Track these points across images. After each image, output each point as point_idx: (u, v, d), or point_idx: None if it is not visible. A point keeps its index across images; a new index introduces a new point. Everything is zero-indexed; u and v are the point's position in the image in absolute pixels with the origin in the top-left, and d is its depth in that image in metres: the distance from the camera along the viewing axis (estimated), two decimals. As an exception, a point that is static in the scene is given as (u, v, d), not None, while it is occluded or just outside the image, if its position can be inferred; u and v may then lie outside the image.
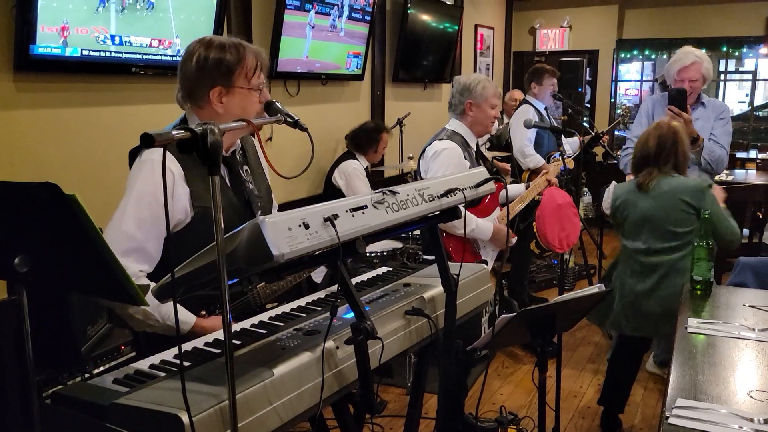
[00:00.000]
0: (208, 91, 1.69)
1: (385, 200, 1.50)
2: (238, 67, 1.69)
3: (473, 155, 2.90)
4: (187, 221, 1.69)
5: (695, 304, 1.98)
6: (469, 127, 2.90)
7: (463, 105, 2.89)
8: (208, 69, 1.68)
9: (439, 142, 2.83)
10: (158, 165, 1.65)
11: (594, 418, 3.28)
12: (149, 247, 1.65)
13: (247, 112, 1.71)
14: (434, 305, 1.80)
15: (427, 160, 2.84)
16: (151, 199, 1.64)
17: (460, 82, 2.93)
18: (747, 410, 1.28)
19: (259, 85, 1.75)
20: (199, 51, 1.69)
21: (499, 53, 7.76)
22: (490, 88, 2.87)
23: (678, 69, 3.29)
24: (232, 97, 1.71)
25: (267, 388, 1.26)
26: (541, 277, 5.30)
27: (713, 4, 7.26)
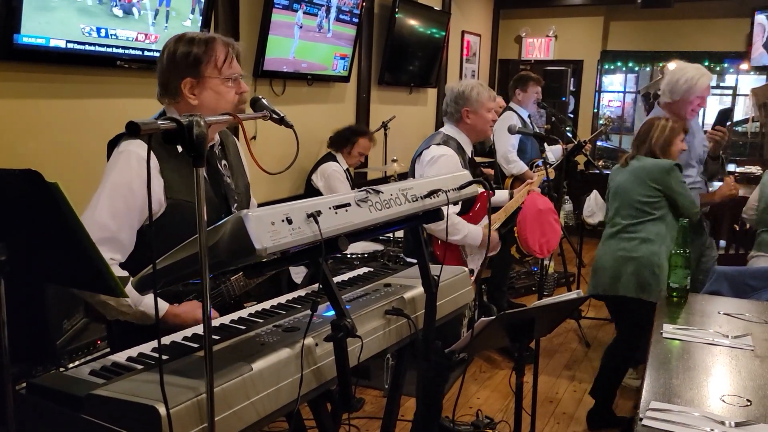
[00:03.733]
0: (179, 83, 1.71)
1: (368, 199, 1.50)
2: (206, 58, 1.71)
3: (467, 161, 2.91)
4: (161, 212, 1.70)
5: (671, 310, 2.01)
6: (466, 133, 2.90)
7: (459, 113, 2.88)
8: (177, 62, 1.71)
9: (437, 148, 2.82)
10: (134, 156, 1.66)
11: (569, 423, 3.31)
12: (122, 237, 1.66)
13: (221, 104, 1.73)
14: (414, 306, 1.81)
15: (423, 165, 2.83)
16: (125, 189, 1.65)
17: (453, 90, 2.92)
18: (719, 414, 1.30)
19: (233, 75, 1.76)
20: (169, 46, 1.73)
21: (485, 60, 7.82)
22: (485, 92, 2.87)
23: (706, 85, 3.31)
24: (205, 89, 1.72)
25: (245, 383, 1.26)
26: (520, 283, 5.34)
27: (696, 18, 7.38)
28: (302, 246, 1.31)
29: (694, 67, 3.34)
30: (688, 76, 3.28)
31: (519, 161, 4.68)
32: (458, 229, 2.74)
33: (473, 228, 2.74)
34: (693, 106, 3.34)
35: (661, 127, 3.08)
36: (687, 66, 3.37)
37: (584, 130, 7.65)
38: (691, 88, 3.28)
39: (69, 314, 2.38)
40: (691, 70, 3.32)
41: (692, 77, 3.27)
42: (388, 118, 5.10)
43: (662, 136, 3.05)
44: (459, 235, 2.75)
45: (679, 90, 3.31)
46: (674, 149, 3.07)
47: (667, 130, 3.06)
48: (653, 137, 3.07)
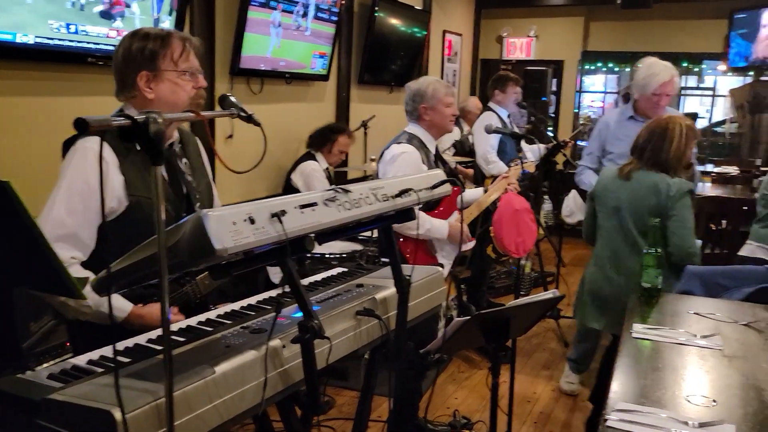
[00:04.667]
0: (135, 77, 1.70)
1: (337, 198, 1.48)
2: (162, 51, 1.69)
3: (432, 158, 2.90)
4: (120, 210, 1.67)
5: (642, 310, 2.01)
6: (427, 130, 2.90)
7: (417, 110, 2.88)
8: (132, 56, 1.69)
9: (397, 146, 2.82)
10: (90, 152, 1.64)
11: (546, 422, 3.31)
12: (81, 234, 1.64)
13: (178, 97, 1.71)
14: (386, 306, 1.80)
15: (384, 164, 2.83)
16: (82, 186, 1.63)
17: (411, 88, 2.92)
18: (684, 414, 1.30)
19: (190, 70, 1.74)
20: (125, 42, 1.72)
21: (466, 60, 7.82)
22: (441, 87, 2.87)
23: (660, 83, 3.29)
24: (161, 83, 1.70)
25: (208, 386, 1.23)
26: (500, 283, 5.34)
27: (675, 19, 7.44)
28: (267, 246, 1.29)
29: (661, 64, 3.33)
30: (649, 71, 3.29)
31: (498, 161, 4.68)
32: (420, 224, 2.73)
33: (436, 221, 2.73)
34: (651, 102, 3.34)
35: (678, 137, 2.62)
36: (655, 62, 3.37)
37: (565, 130, 7.69)
38: (648, 84, 3.29)
39: (37, 316, 2.33)
40: (656, 65, 3.32)
41: (651, 73, 3.28)
42: (368, 117, 5.08)
43: (680, 149, 2.62)
44: (422, 228, 2.73)
45: (639, 84, 3.34)
46: (686, 160, 2.68)
47: (683, 140, 2.62)
48: (669, 149, 2.61)
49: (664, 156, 2.62)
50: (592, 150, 3.58)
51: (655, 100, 3.33)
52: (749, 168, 6.40)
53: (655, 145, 2.64)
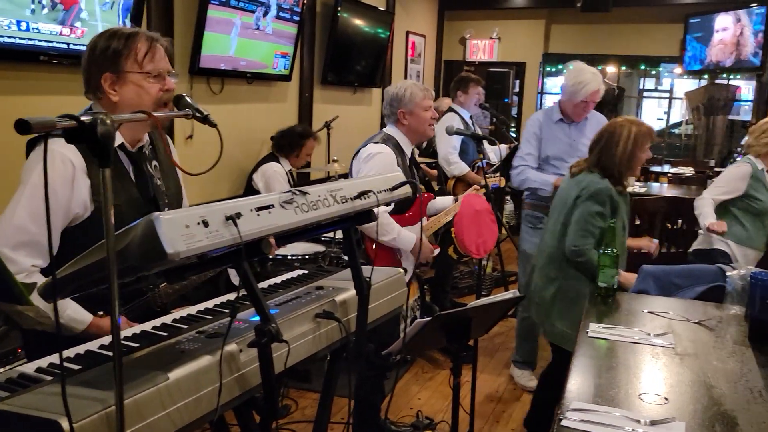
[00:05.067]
0: (99, 78, 1.65)
1: (294, 200, 1.46)
2: (125, 51, 1.65)
3: (406, 162, 2.90)
4: (86, 215, 1.63)
5: (599, 309, 2.04)
6: (405, 134, 2.89)
7: (395, 115, 2.87)
8: (96, 56, 1.65)
9: (374, 146, 2.81)
10: (57, 155, 1.59)
11: (508, 421, 3.34)
12: (44, 240, 1.58)
13: (144, 100, 1.66)
14: (346, 308, 1.79)
15: (359, 162, 2.82)
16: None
17: (389, 92, 2.92)
18: (637, 412, 1.32)
19: (156, 71, 1.69)
20: (92, 40, 1.68)
21: (430, 61, 7.86)
22: (419, 92, 2.86)
23: (590, 92, 3.37)
24: (125, 85, 1.66)
25: (161, 393, 1.21)
26: (464, 283, 5.38)
27: (633, 23, 7.59)
28: (222, 250, 1.27)
29: (589, 72, 3.40)
30: (578, 79, 3.35)
31: (460, 162, 4.71)
32: (387, 231, 2.72)
33: (405, 232, 2.73)
34: (578, 109, 3.43)
35: (625, 139, 2.58)
36: (583, 69, 3.43)
37: (527, 131, 7.78)
38: (577, 92, 3.36)
39: (-14, 322, 2.25)
40: (585, 74, 3.37)
41: (580, 81, 3.34)
42: (332, 118, 5.06)
43: (627, 151, 2.57)
44: (388, 236, 2.73)
45: (567, 90, 3.41)
46: (638, 162, 2.64)
47: (631, 142, 2.58)
48: (616, 152, 2.58)
49: (609, 158, 2.60)
50: (531, 151, 3.58)
51: (582, 106, 3.43)
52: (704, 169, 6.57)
53: (602, 147, 2.63)
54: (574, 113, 3.48)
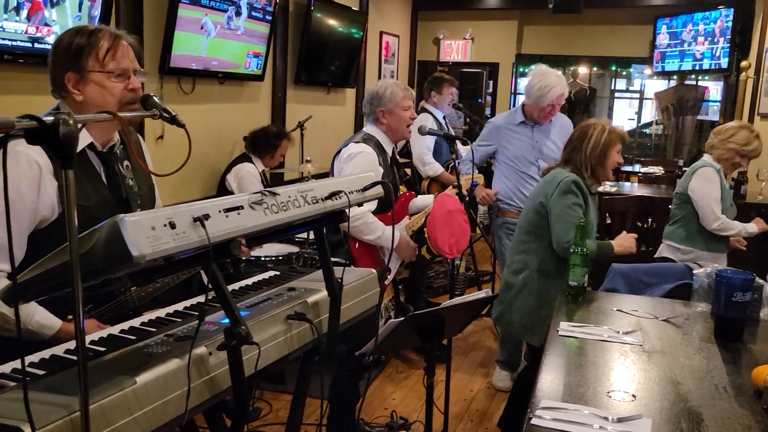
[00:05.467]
0: (63, 77, 1.61)
1: (263, 201, 1.45)
2: (88, 49, 1.61)
3: (388, 161, 2.90)
4: (53, 218, 1.59)
5: (569, 308, 2.07)
6: (385, 132, 2.90)
7: (375, 113, 2.87)
8: (60, 54, 1.62)
9: (355, 145, 2.81)
10: (23, 157, 1.55)
11: (482, 420, 3.36)
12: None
13: (107, 100, 1.62)
14: (318, 309, 1.78)
15: (341, 162, 2.82)
16: (12, 193, 1.52)
17: (369, 90, 2.92)
18: (605, 410, 1.34)
19: (119, 70, 1.65)
20: (58, 38, 1.65)
21: (404, 61, 7.87)
22: (399, 91, 2.86)
23: (556, 96, 3.40)
24: (89, 84, 1.62)
25: (127, 397, 1.19)
26: (438, 282, 5.39)
27: (604, 24, 7.69)
28: (190, 251, 1.26)
29: (553, 75, 3.43)
30: (544, 83, 3.37)
31: (435, 163, 4.72)
32: (372, 229, 2.73)
33: (388, 230, 2.73)
34: (545, 112, 3.47)
35: (596, 136, 2.66)
36: (547, 72, 3.45)
37: (501, 132, 7.82)
38: (543, 96, 3.40)
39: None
40: (549, 77, 3.40)
41: (546, 86, 3.37)
42: (305, 118, 5.04)
43: (597, 147, 2.65)
44: (373, 234, 2.73)
45: (532, 94, 3.43)
46: (609, 162, 2.69)
47: (603, 139, 2.65)
48: (587, 148, 2.65)
49: (580, 155, 2.67)
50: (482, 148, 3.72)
51: (548, 110, 3.47)
52: (673, 168, 6.69)
53: (574, 145, 2.71)
54: (540, 116, 3.51)
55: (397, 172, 3.00)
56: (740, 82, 5.84)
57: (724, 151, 3.28)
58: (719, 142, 3.31)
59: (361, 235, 2.73)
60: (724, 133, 3.32)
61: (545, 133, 3.58)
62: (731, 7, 6.48)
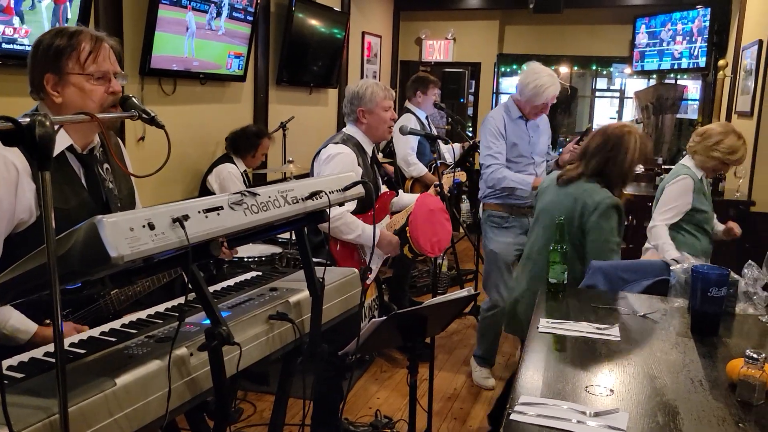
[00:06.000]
0: (41, 79, 1.60)
1: (243, 201, 1.45)
2: (68, 51, 1.60)
3: (368, 161, 2.90)
4: (31, 221, 1.58)
5: (549, 305, 2.09)
6: (365, 133, 2.89)
7: (355, 113, 2.87)
8: (39, 56, 1.61)
9: (334, 146, 2.80)
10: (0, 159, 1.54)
11: (466, 418, 3.38)
12: None
13: (87, 103, 1.61)
14: (300, 309, 1.78)
15: (320, 163, 2.81)
16: None
17: (350, 90, 2.92)
18: (583, 404, 1.35)
19: (99, 73, 1.64)
20: (38, 39, 1.63)
21: (386, 61, 7.88)
22: (380, 91, 2.86)
23: (552, 95, 3.40)
24: (68, 86, 1.61)
25: (107, 399, 1.19)
26: (422, 281, 5.41)
27: (584, 24, 7.75)
28: (169, 252, 1.26)
29: (546, 74, 3.41)
30: (538, 83, 3.37)
31: (418, 163, 4.74)
32: (351, 228, 2.73)
33: (368, 227, 2.73)
34: (536, 110, 3.48)
35: (633, 145, 2.48)
36: (540, 71, 3.43)
37: (483, 131, 7.86)
38: (537, 95, 3.39)
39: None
40: (543, 77, 3.39)
41: (540, 85, 3.37)
42: (287, 119, 5.03)
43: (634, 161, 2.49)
44: (353, 233, 2.73)
45: (526, 93, 3.43)
46: (631, 177, 2.59)
47: (638, 149, 2.50)
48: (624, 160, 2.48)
49: (617, 167, 2.50)
50: (500, 149, 3.51)
51: (540, 108, 3.47)
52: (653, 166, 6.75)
53: (609, 155, 2.51)
54: (531, 113, 3.52)
55: (377, 171, 3.00)
56: (718, 81, 5.91)
57: (707, 159, 3.08)
58: (703, 149, 3.09)
59: (341, 234, 2.73)
60: (708, 138, 3.08)
61: (535, 127, 3.60)
62: (708, 7, 6.56)
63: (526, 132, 3.57)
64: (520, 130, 3.55)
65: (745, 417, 1.35)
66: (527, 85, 3.40)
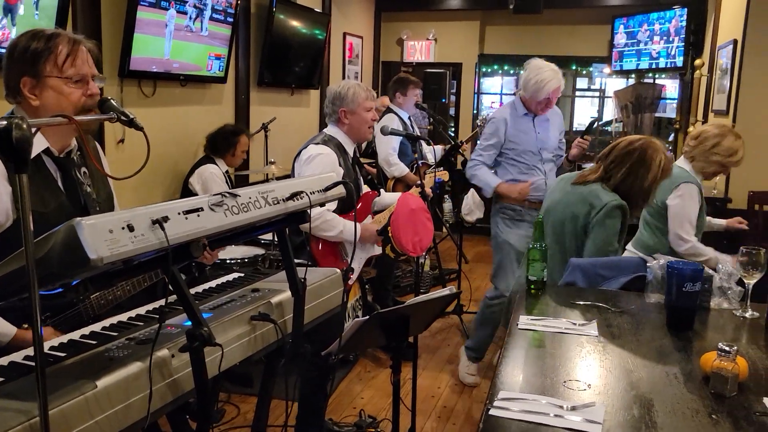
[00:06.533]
0: (18, 82, 1.59)
1: (224, 203, 1.46)
2: (46, 54, 1.60)
3: (349, 162, 2.91)
4: (8, 224, 1.57)
5: (528, 302, 2.11)
6: (347, 133, 2.90)
7: (337, 113, 2.88)
8: (15, 58, 1.60)
9: (315, 147, 2.81)
10: None
11: (449, 416, 3.40)
12: None
13: (64, 106, 1.61)
14: (282, 310, 1.79)
15: (301, 164, 2.82)
16: None
17: (331, 90, 2.93)
18: (561, 399, 1.38)
19: (77, 76, 1.64)
20: (13, 41, 1.62)
21: (367, 62, 7.89)
22: (361, 92, 2.87)
23: (552, 90, 3.43)
24: (45, 89, 1.61)
25: (88, 402, 1.19)
26: (406, 281, 5.43)
27: (564, 24, 7.82)
28: (150, 254, 1.26)
29: (549, 69, 3.45)
30: (540, 77, 3.41)
31: (400, 163, 4.77)
32: (332, 225, 2.73)
33: (349, 224, 2.74)
34: (541, 105, 3.51)
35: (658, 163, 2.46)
36: (543, 66, 3.47)
37: (465, 131, 7.91)
38: (539, 90, 3.43)
39: None
40: (545, 71, 3.43)
41: (542, 79, 3.40)
42: (269, 120, 5.03)
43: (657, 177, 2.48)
44: (334, 231, 2.74)
45: (529, 88, 3.47)
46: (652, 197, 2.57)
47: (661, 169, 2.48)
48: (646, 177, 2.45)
49: (637, 184, 2.48)
50: (488, 149, 3.59)
51: (544, 102, 3.50)
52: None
53: (631, 169, 2.48)
54: (537, 109, 3.53)
55: (359, 172, 3.02)
56: (695, 80, 6.00)
57: (707, 164, 2.95)
58: (701, 154, 2.95)
59: (322, 233, 2.74)
60: (705, 142, 2.94)
61: (544, 123, 3.61)
62: (685, 7, 6.65)
63: (532, 128, 3.57)
64: (527, 126, 3.56)
65: (718, 408, 1.38)
66: (529, 81, 3.44)
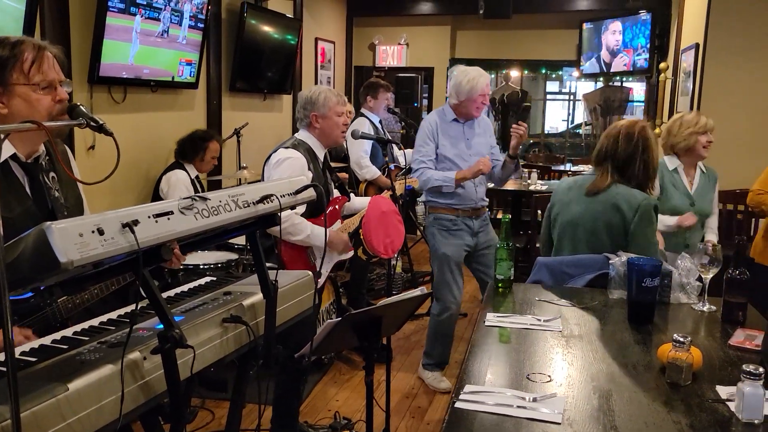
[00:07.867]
0: None
1: (194, 206, 1.48)
2: (11, 62, 1.59)
3: (319, 166, 2.93)
4: None
5: (496, 300, 2.17)
6: (318, 138, 2.93)
7: (308, 118, 2.91)
8: None
9: (284, 150, 2.83)
10: None
11: (423, 416, 3.44)
12: None
13: (34, 114, 1.61)
14: (254, 312, 1.81)
15: (270, 168, 2.84)
16: None
17: (303, 95, 2.95)
18: (524, 391, 1.43)
19: (45, 82, 1.64)
20: None
21: (340, 67, 7.93)
22: (333, 97, 2.90)
23: (486, 84, 3.51)
24: (13, 97, 1.60)
25: (60, 404, 1.20)
26: (380, 285, 5.46)
27: (533, 29, 7.95)
28: (120, 257, 1.28)
29: (474, 69, 3.57)
30: (470, 77, 3.49)
31: (372, 166, 4.81)
32: (300, 229, 2.75)
33: (318, 229, 2.77)
34: (477, 104, 3.55)
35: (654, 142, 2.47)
36: (468, 69, 3.59)
37: (437, 135, 7.97)
38: (473, 87, 3.49)
39: None
40: (472, 71, 3.54)
41: (473, 77, 3.49)
42: (241, 125, 5.03)
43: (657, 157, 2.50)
44: (302, 234, 2.76)
45: (463, 90, 3.52)
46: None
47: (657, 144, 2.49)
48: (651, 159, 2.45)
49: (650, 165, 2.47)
50: (429, 152, 3.59)
51: (480, 100, 3.54)
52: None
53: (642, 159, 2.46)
54: (474, 108, 3.56)
55: (329, 177, 3.04)
56: (660, 83, 6.14)
57: (687, 140, 3.18)
58: (676, 137, 3.21)
59: (290, 236, 2.76)
60: (672, 127, 3.24)
61: (472, 129, 3.67)
62: (650, 12, 6.82)
63: (462, 133, 3.62)
64: (456, 131, 3.61)
65: (673, 397, 1.45)
66: (461, 84, 3.50)
